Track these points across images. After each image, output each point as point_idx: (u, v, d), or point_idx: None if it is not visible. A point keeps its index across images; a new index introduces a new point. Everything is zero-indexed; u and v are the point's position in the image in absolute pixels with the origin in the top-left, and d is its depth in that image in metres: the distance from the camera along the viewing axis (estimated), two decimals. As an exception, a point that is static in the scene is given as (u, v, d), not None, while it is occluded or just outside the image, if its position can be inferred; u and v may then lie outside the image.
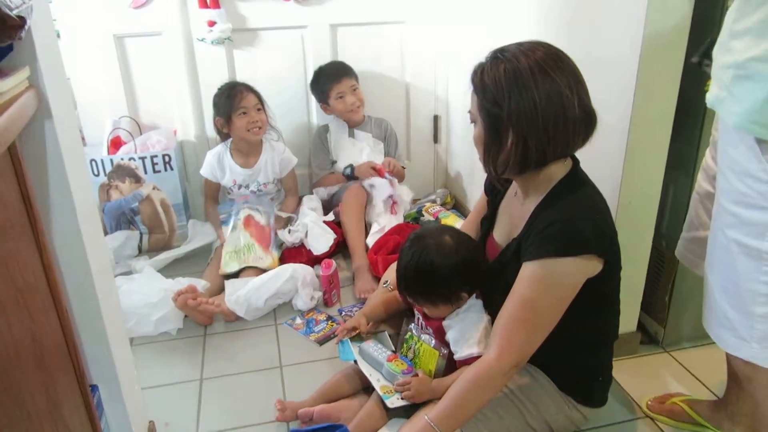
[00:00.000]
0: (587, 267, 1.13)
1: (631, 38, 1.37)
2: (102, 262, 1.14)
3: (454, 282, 1.29)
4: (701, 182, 1.29)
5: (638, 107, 1.41)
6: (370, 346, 1.44)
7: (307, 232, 2.13)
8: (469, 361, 1.26)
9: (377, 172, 2.29)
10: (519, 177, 1.20)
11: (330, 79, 2.34)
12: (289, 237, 2.15)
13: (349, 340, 1.46)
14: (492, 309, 1.20)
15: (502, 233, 1.31)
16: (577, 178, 1.20)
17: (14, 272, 0.77)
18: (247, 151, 2.27)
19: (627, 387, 1.57)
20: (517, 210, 1.26)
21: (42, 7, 0.93)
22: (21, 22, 0.75)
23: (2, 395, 0.67)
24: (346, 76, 2.35)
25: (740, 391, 1.33)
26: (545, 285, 1.11)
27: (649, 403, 1.50)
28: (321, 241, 2.11)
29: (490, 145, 1.15)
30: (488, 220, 1.38)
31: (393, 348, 1.46)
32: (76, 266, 1.03)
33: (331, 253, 2.17)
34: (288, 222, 2.25)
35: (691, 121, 1.49)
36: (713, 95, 1.04)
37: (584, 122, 1.12)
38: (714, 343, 1.15)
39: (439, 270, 1.28)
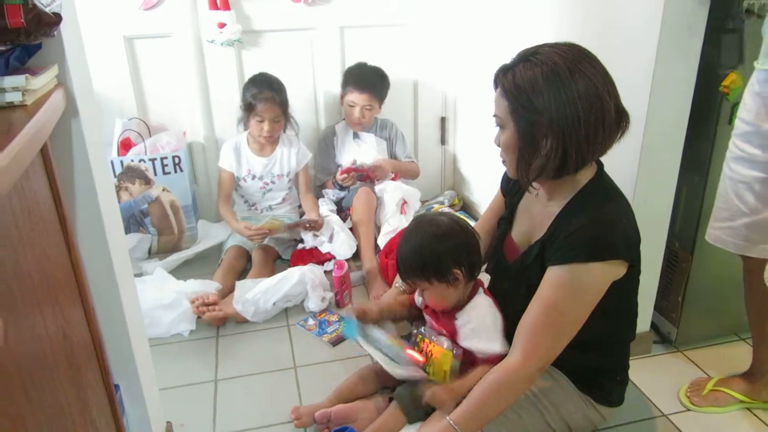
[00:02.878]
0: (613, 272, 1.12)
1: (647, 40, 1.37)
2: (124, 261, 1.14)
3: (446, 257, 1.29)
4: (746, 171, 1.27)
5: (653, 109, 1.42)
6: (374, 329, 1.45)
7: (331, 235, 2.14)
8: (492, 359, 1.26)
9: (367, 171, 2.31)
10: (549, 180, 1.17)
11: (355, 84, 2.31)
12: (311, 240, 2.18)
13: (356, 320, 1.45)
14: (512, 310, 1.19)
15: (522, 233, 1.31)
16: (604, 182, 1.19)
17: (48, 269, 0.77)
18: (263, 142, 2.27)
19: (642, 386, 1.57)
20: (540, 211, 1.24)
21: (69, 4, 0.93)
22: (57, 19, 0.75)
23: (40, 393, 0.67)
24: (370, 92, 2.32)
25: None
26: (572, 289, 1.11)
27: (693, 399, 1.51)
28: (345, 246, 2.13)
29: (524, 151, 1.11)
30: (506, 220, 1.37)
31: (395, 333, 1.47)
32: (99, 265, 1.04)
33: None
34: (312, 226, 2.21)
35: (705, 123, 1.49)
36: None
37: (618, 124, 1.10)
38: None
39: (430, 242, 1.29)
